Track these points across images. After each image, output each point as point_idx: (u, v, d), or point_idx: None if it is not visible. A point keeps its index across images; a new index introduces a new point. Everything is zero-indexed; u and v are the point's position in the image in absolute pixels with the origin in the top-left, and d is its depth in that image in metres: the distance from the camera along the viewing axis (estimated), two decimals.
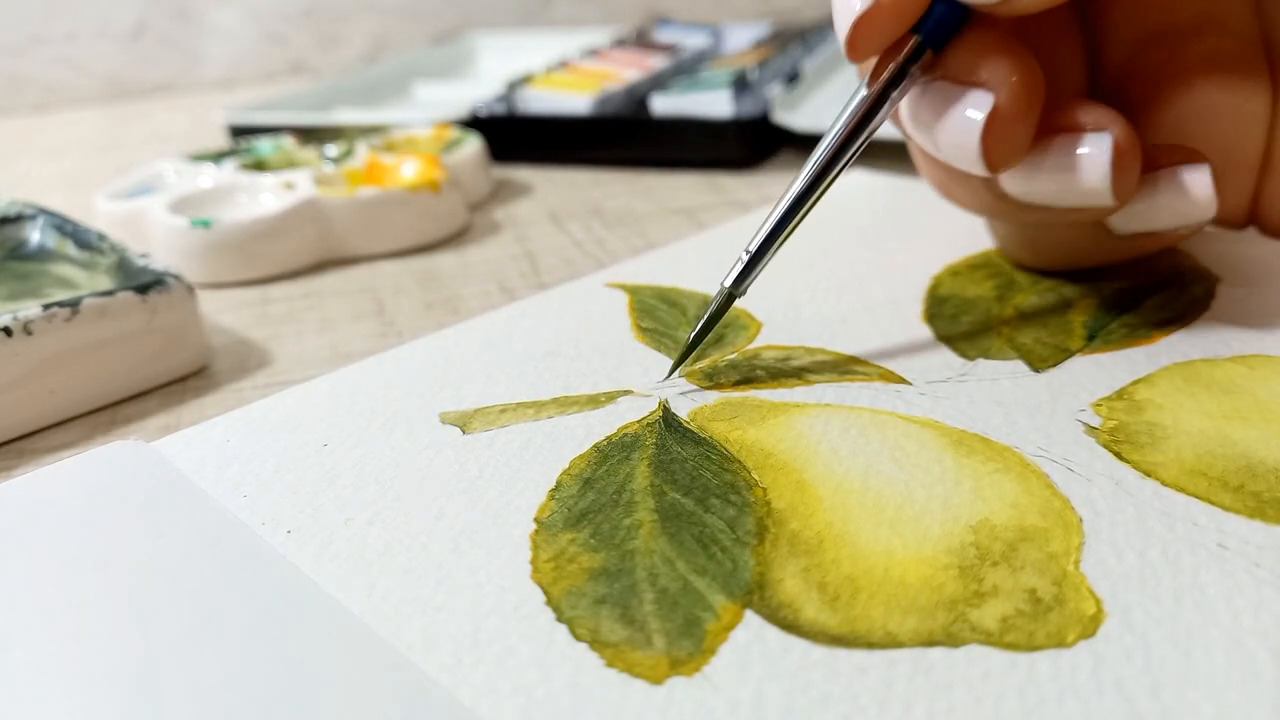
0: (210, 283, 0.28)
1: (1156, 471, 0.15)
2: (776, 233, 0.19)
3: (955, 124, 0.18)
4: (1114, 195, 0.18)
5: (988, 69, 0.17)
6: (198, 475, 0.17)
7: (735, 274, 0.19)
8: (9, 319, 0.20)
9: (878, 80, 0.18)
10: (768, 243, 0.19)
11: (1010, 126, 0.17)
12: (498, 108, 0.39)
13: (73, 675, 0.13)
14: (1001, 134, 0.17)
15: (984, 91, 0.17)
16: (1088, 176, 0.18)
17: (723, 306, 0.19)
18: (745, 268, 0.19)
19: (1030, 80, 0.18)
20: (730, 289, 0.19)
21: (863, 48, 0.18)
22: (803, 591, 0.13)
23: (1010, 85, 0.17)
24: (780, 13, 0.70)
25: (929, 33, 0.18)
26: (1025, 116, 0.18)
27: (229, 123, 0.42)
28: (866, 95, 0.18)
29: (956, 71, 0.18)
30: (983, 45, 0.18)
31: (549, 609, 0.13)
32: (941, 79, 0.18)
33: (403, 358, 0.21)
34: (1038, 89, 0.18)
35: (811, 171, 0.19)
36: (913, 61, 0.18)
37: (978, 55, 0.18)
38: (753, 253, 0.19)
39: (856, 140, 0.18)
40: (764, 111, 0.36)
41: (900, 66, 0.18)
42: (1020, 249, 0.23)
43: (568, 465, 0.17)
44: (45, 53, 0.61)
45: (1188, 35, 0.20)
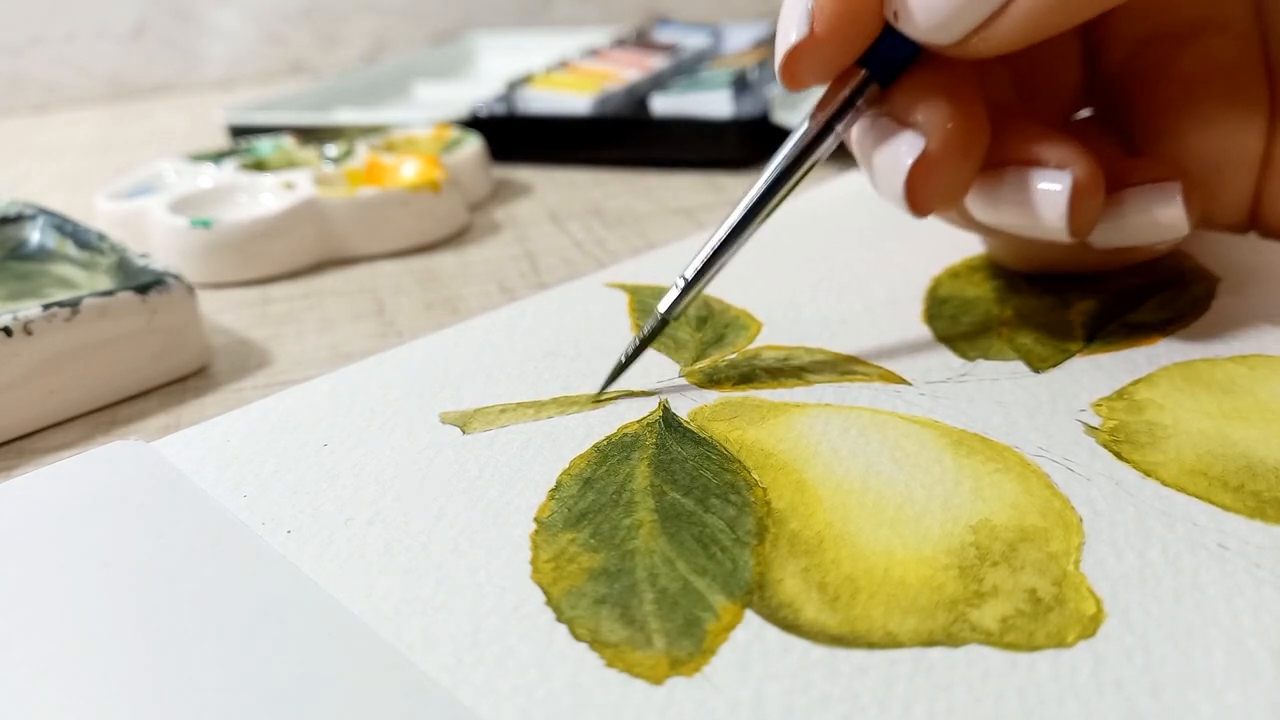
0: (210, 283, 0.28)
1: (1156, 471, 0.15)
2: (714, 259, 0.18)
3: (886, 163, 0.18)
4: (1070, 233, 0.18)
5: (925, 111, 0.17)
6: (198, 475, 0.17)
7: (670, 299, 0.19)
8: (9, 319, 0.20)
9: (822, 111, 0.18)
10: (704, 269, 0.19)
11: (937, 173, 0.17)
12: (498, 108, 0.39)
13: (73, 675, 0.13)
14: (926, 179, 0.17)
15: (916, 134, 0.17)
16: (1045, 213, 0.18)
17: (655, 330, 0.19)
18: (680, 294, 0.19)
19: (966, 127, 0.17)
20: (665, 314, 0.19)
21: (798, 78, 0.18)
22: (803, 591, 0.13)
23: (944, 131, 0.17)
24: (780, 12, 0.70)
25: (877, 67, 0.18)
26: (955, 165, 0.17)
27: (229, 123, 0.42)
28: (810, 126, 0.18)
29: (896, 110, 0.18)
30: (926, 85, 0.17)
31: (549, 609, 0.13)
32: (885, 115, 0.18)
33: (403, 358, 0.21)
34: (975, 136, 0.18)
35: (751, 199, 0.18)
36: (859, 94, 0.18)
37: (918, 95, 0.17)
38: (689, 279, 0.19)
39: (798, 170, 0.18)
40: (764, 111, 0.36)
41: (846, 99, 0.18)
42: (1007, 257, 0.23)
43: (568, 465, 0.17)
44: (45, 53, 0.61)
45: (1187, 37, 0.20)
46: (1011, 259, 0.23)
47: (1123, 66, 0.21)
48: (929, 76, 0.18)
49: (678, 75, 0.44)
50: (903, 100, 0.18)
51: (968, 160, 0.18)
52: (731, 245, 0.18)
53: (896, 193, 0.18)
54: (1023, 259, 0.23)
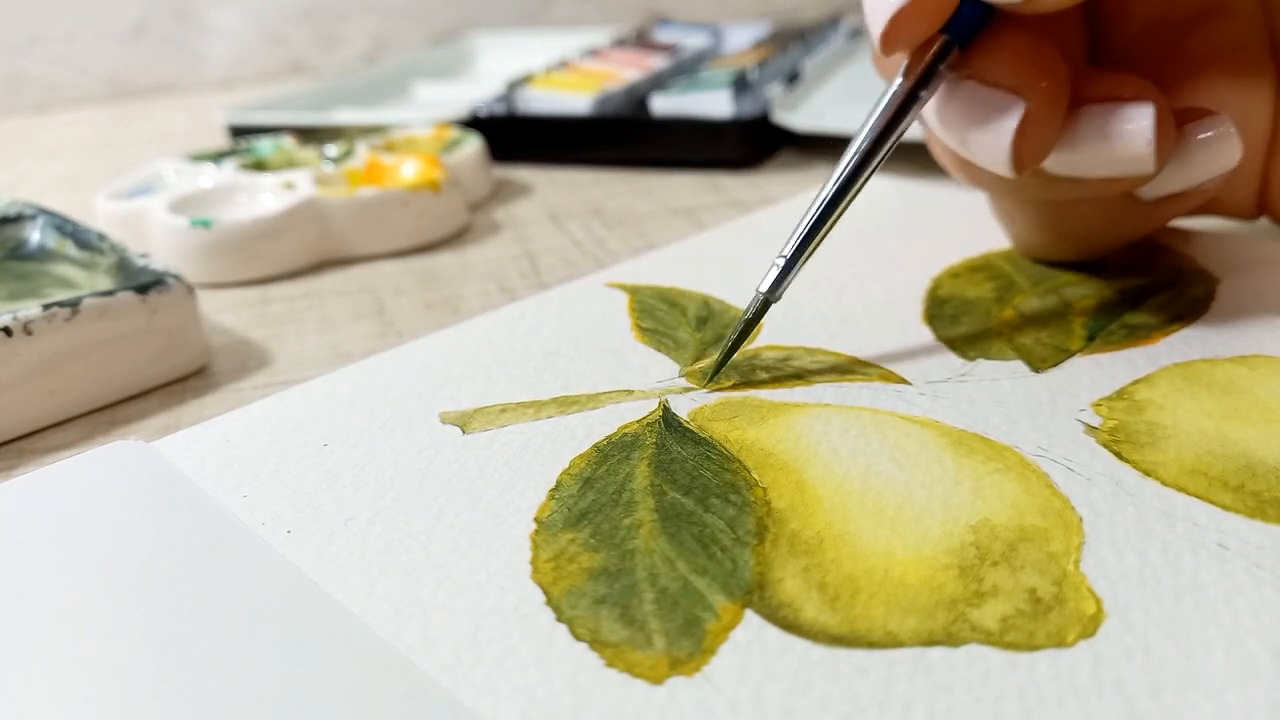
0: (210, 283, 0.28)
1: (1156, 471, 0.15)
2: (811, 235, 0.19)
3: (986, 127, 0.18)
4: (1156, 161, 0.18)
5: (1018, 73, 0.18)
6: (198, 475, 0.17)
7: (772, 279, 0.19)
8: (9, 319, 0.20)
9: (910, 78, 0.18)
10: (802, 246, 0.19)
11: (1040, 131, 0.18)
12: (498, 108, 0.39)
13: (73, 675, 0.13)
14: (1032, 139, 0.18)
15: (1015, 97, 0.18)
16: (1133, 145, 0.18)
17: (759, 312, 0.19)
18: (781, 273, 0.19)
19: (1058, 84, 0.18)
20: (767, 294, 0.19)
21: (898, 41, 0.18)
22: (803, 591, 0.13)
23: (1040, 91, 0.17)
24: (780, 13, 0.70)
25: (957, 32, 0.18)
26: (1054, 121, 0.18)
27: (229, 123, 0.42)
28: (896, 93, 0.18)
29: (985, 73, 0.18)
30: (1011, 47, 0.18)
31: (549, 609, 0.13)
32: (969, 79, 0.18)
33: (403, 358, 0.21)
34: (1065, 91, 0.18)
35: (844, 171, 0.19)
36: (941, 60, 0.18)
37: (1007, 57, 0.18)
38: (788, 257, 0.19)
39: (888, 139, 0.18)
40: (764, 111, 0.36)
41: (929, 65, 0.18)
42: (1040, 235, 0.23)
43: (568, 465, 0.17)
44: (45, 53, 0.61)
45: (1192, 22, 0.20)
46: (1045, 236, 0.23)
47: (1128, 52, 0.21)
48: (1009, 37, 0.18)
49: (678, 75, 0.44)
50: (989, 63, 0.18)
51: (1060, 115, 0.18)
52: (826, 220, 0.19)
53: (1002, 155, 0.18)
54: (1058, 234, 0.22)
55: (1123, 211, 0.20)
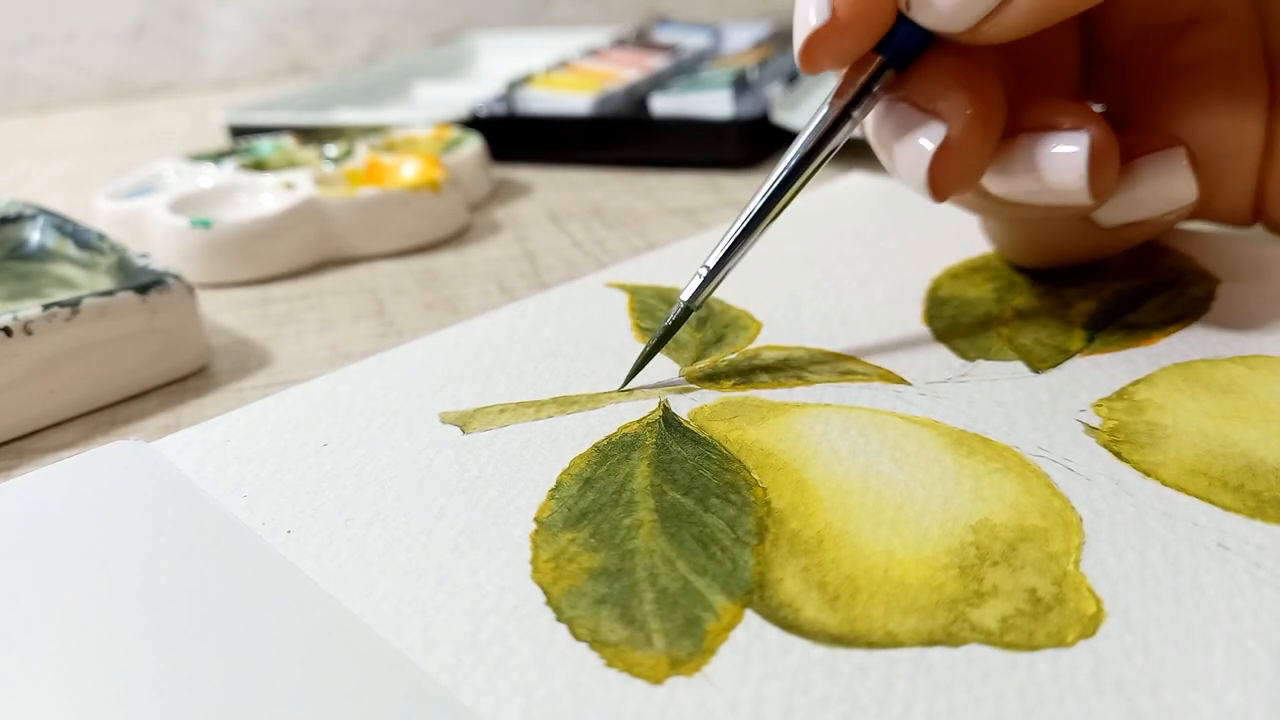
0: (210, 283, 0.28)
1: (1156, 471, 0.15)
2: (735, 248, 0.19)
3: (907, 150, 0.18)
4: (1091, 194, 0.18)
5: (944, 98, 0.17)
6: (198, 475, 0.17)
7: (693, 289, 0.19)
8: (9, 319, 0.20)
9: (840, 97, 0.18)
10: (725, 257, 0.19)
11: (958, 159, 0.18)
12: (498, 108, 0.39)
13: (73, 675, 0.13)
14: (949, 165, 0.18)
15: (937, 122, 0.17)
16: (1065, 176, 0.18)
17: (679, 320, 0.19)
18: (703, 283, 0.19)
19: (986, 111, 0.18)
20: (687, 303, 0.19)
21: (816, 62, 0.18)
22: (803, 591, 0.13)
23: (964, 118, 0.17)
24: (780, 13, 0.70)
25: (892, 53, 0.18)
26: (975, 149, 0.18)
27: (229, 123, 0.42)
28: (828, 113, 0.18)
29: (915, 95, 0.18)
30: (943, 72, 0.18)
31: (549, 609, 0.13)
32: (903, 101, 0.18)
33: (403, 358, 0.21)
34: (994, 119, 0.18)
35: (771, 186, 0.18)
36: (875, 81, 0.18)
37: (937, 82, 0.18)
38: (710, 268, 0.19)
39: (817, 157, 0.18)
40: (764, 111, 0.36)
41: (862, 85, 0.18)
42: (1012, 248, 0.23)
43: (568, 465, 0.17)
44: (45, 53, 0.61)
45: (1185, 27, 0.20)
46: (1016, 250, 0.23)
47: (1121, 58, 0.21)
48: (945, 61, 0.18)
49: (678, 75, 0.44)
50: (920, 86, 0.18)
51: (987, 143, 0.18)
52: (752, 233, 0.19)
53: (919, 180, 0.18)
54: (1028, 249, 0.22)
55: (1085, 233, 0.20)
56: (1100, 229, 0.20)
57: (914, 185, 0.18)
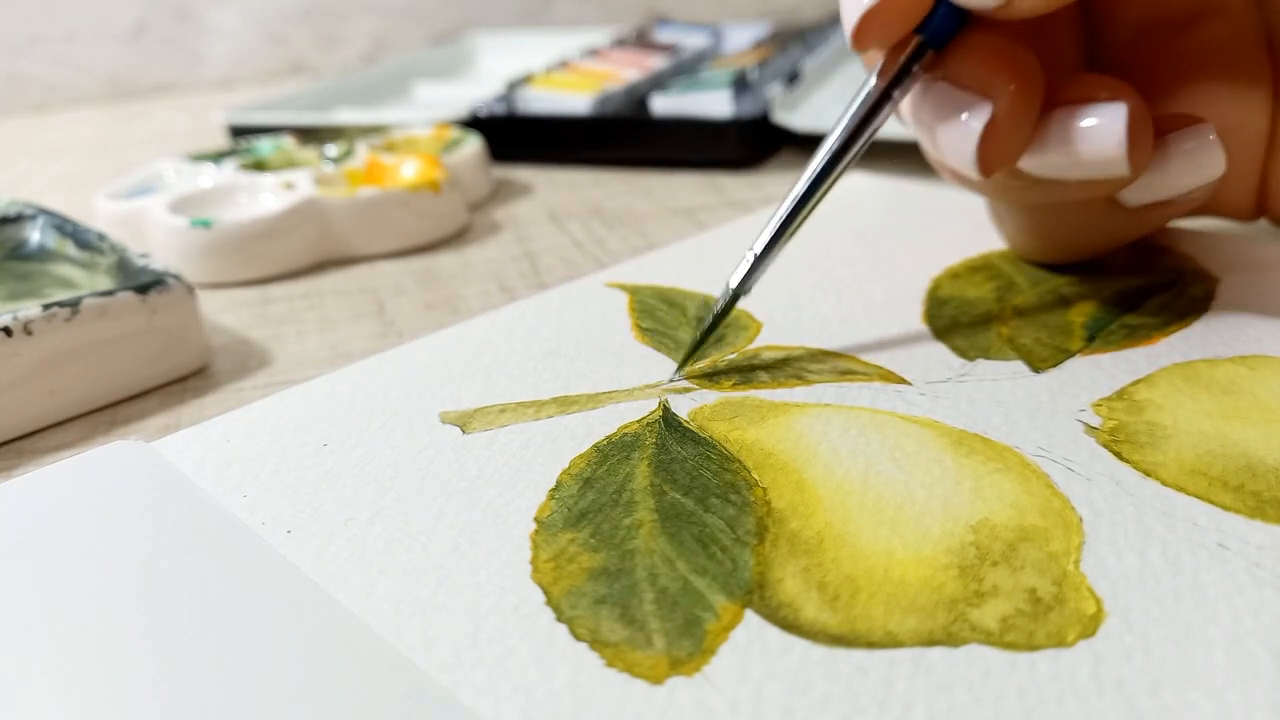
0: (210, 283, 0.28)
1: (1156, 471, 0.15)
2: (782, 231, 0.19)
3: (953, 128, 0.18)
4: (1129, 163, 0.18)
5: (987, 76, 0.18)
6: (198, 475, 0.17)
7: (741, 273, 0.19)
8: (9, 319, 0.20)
9: (883, 78, 0.18)
10: (773, 241, 0.19)
11: (1006, 135, 0.18)
12: (498, 108, 0.39)
13: (73, 675, 0.13)
14: (997, 142, 0.18)
15: (982, 99, 0.18)
16: (1104, 146, 0.18)
17: (728, 305, 0.19)
18: (751, 267, 0.19)
19: (1028, 88, 0.18)
20: (736, 288, 0.19)
21: (867, 40, 0.18)
22: (803, 591, 0.13)
23: (1008, 94, 0.18)
24: (780, 13, 0.70)
25: (931, 33, 0.18)
26: (1021, 125, 0.18)
27: (229, 123, 0.42)
28: (870, 92, 0.18)
29: (957, 75, 0.18)
30: (983, 50, 0.18)
31: (549, 609, 0.13)
32: (943, 80, 0.18)
33: (403, 358, 0.21)
34: (1036, 95, 0.18)
35: (816, 168, 0.19)
36: (915, 60, 0.18)
37: (978, 60, 0.18)
38: (759, 252, 0.19)
39: (860, 137, 0.19)
40: (764, 111, 0.36)
41: (903, 65, 0.18)
42: (1030, 238, 0.23)
43: (568, 465, 0.17)
44: (45, 53, 0.61)
45: (1187, 23, 0.20)
46: (1034, 241, 0.23)
47: (1124, 53, 0.21)
48: (984, 39, 0.18)
49: (678, 75, 0.44)
50: (960, 65, 0.18)
51: (1030, 118, 0.18)
52: (797, 216, 0.19)
53: (968, 158, 0.18)
54: (1045, 239, 0.22)
55: (1109, 217, 0.20)
56: (1122, 212, 0.20)
57: (961, 163, 0.18)
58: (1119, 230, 0.21)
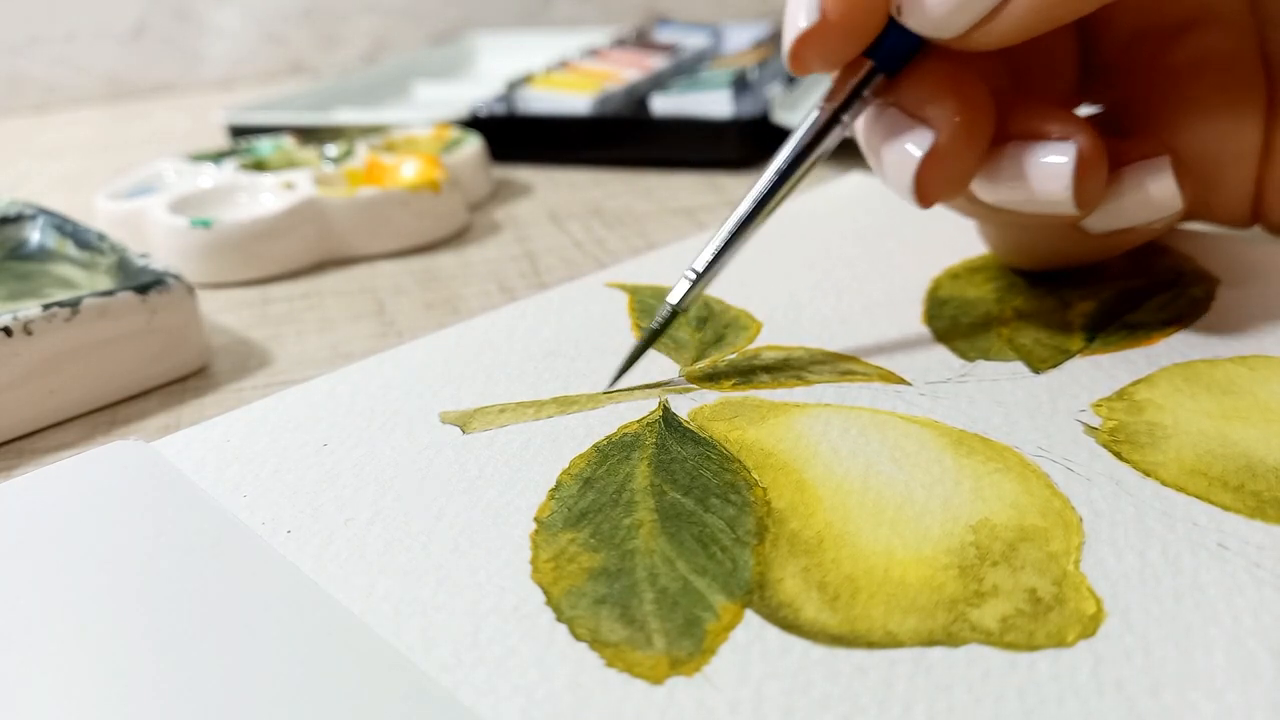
0: (210, 283, 0.28)
1: (1156, 471, 0.15)
2: (724, 251, 0.19)
3: (895, 155, 0.18)
4: (1076, 204, 0.18)
5: (932, 104, 0.17)
6: (198, 475, 0.17)
7: (680, 292, 0.19)
8: (9, 319, 0.20)
9: (831, 101, 0.18)
10: (714, 261, 0.19)
11: (946, 166, 0.18)
12: (498, 108, 0.39)
13: (73, 675, 0.13)
14: (935, 172, 0.18)
15: (925, 128, 0.17)
16: (1051, 185, 0.18)
17: (666, 323, 0.19)
18: (691, 286, 0.19)
19: (975, 119, 0.18)
20: (675, 306, 0.19)
21: (805, 64, 0.18)
22: (803, 591, 0.13)
23: (952, 125, 0.17)
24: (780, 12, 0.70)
25: (882, 58, 0.18)
26: (963, 156, 0.18)
27: (229, 123, 0.42)
28: (818, 117, 0.18)
29: (905, 102, 0.18)
30: (934, 78, 0.18)
31: (549, 609, 0.13)
32: (893, 106, 0.18)
33: (403, 358, 0.21)
34: (982, 127, 0.18)
35: (761, 190, 0.19)
36: (865, 85, 0.18)
37: (926, 88, 0.18)
38: (699, 271, 0.19)
39: (806, 160, 0.18)
40: (764, 111, 0.36)
41: (852, 90, 0.18)
42: (1007, 251, 0.23)
43: (568, 465, 0.17)
44: (45, 53, 0.61)
45: (1181, 30, 0.20)
46: (1010, 253, 0.23)
47: (1118, 61, 0.21)
48: (935, 67, 0.18)
49: (678, 75, 0.44)
50: (910, 92, 0.18)
51: (974, 150, 0.18)
52: (741, 236, 0.19)
53: (905, 185, 0.18)
54: (1021, 252, 0.22)
55: (1076, 239, 0.20)
56: (1088, 235, 0.20)
57: (900, 191, 0.18)
58: (1089, 250, 0.21)
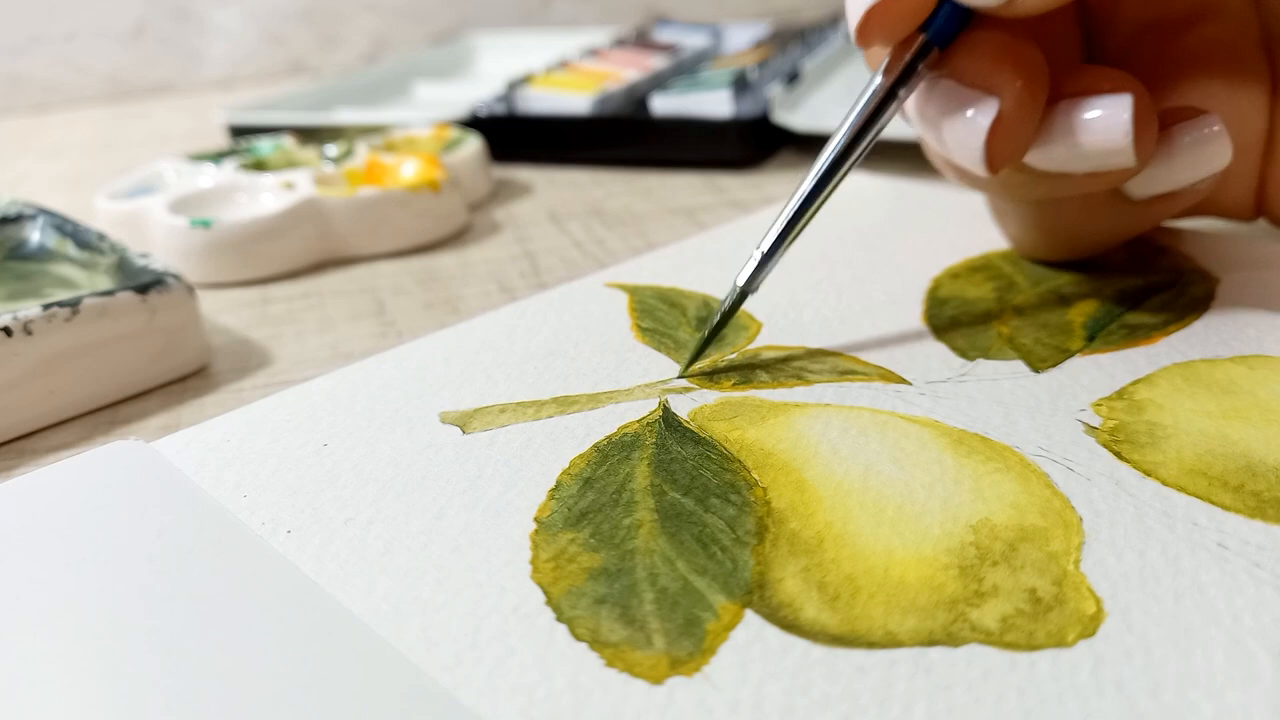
0: (210, 283, 0.28)
1: (1156, 471, 0.15)
2: (789, 229, 0.19)
3: (961, 126, 0.18)
4: (1135, 154, 0.18)
5: (993, 73, 0.18)
6: (198, 475, 0.17)
7: (749, 272, 0.19)
8: (9, 319, 0.20)
9: (889, 76, 0.18)
10: (780, 239, 0.19)
11: (1013, 131, 0.18)
12: (498, 108, 0.39)
13: (73, 675, 0.13)
14: (1004, 138, 0.18)
15: (989, 96, 0.18)
16: (1110, 137, 0.18)
17: (736, 304, 0.19)
18: (758, 265, 0.19)
19: (1034, 83, 0.18)
20: (744, 287, 0.19)
21: (871, 36, 0.18)
22: (803, 591, 0.13)
23: (1015, 90, 0.18)
24: (780, 13, 0.70)
25: (935, 32, 0.18)
26: (1028, 120, 0.18)
27: (229, 123, 0.42)
28: (876, 90, 0.18)
29: (962, 73, 0.18)
30: (988, 47, 0.18)
31: (549, 609, 0.13)
32: (949, 78, 0.18)
33: (403, 358, 0.21)
34: (1041, 90, 0.18)
35: (822, 167, 0.19)
36: (920, 59, 0.18)
37: (983, 58, 0.18)
38: (766, 251, 0.19)
39: (866, 135, 0.19)
40: (764, 111, 0.36)
41: (908, 64, 0.18)
42: (1033, 235, 0.23)
43: (568, 465, 0.17)
44: (45, 53, 0.61)
45: (1185, 24, 0.20)
46: (1038, 237, 0.23)
47: (1123, 53, 0.21)
48: (988, 37, 0.18)
49: (678, 75, 0.44)
50: (965, 63, 0.18)
51: (1036, 114, 0.18)
52: (804, 215, 0.19)
53: (976, 154, 0.18)
54: (1050, 235, 0.22)
55: (1113, 211, 0.20)
56: (1127, 205, 0.20)
57: (968, 159, 0.18)
58: (1123, 224, 0.21)
